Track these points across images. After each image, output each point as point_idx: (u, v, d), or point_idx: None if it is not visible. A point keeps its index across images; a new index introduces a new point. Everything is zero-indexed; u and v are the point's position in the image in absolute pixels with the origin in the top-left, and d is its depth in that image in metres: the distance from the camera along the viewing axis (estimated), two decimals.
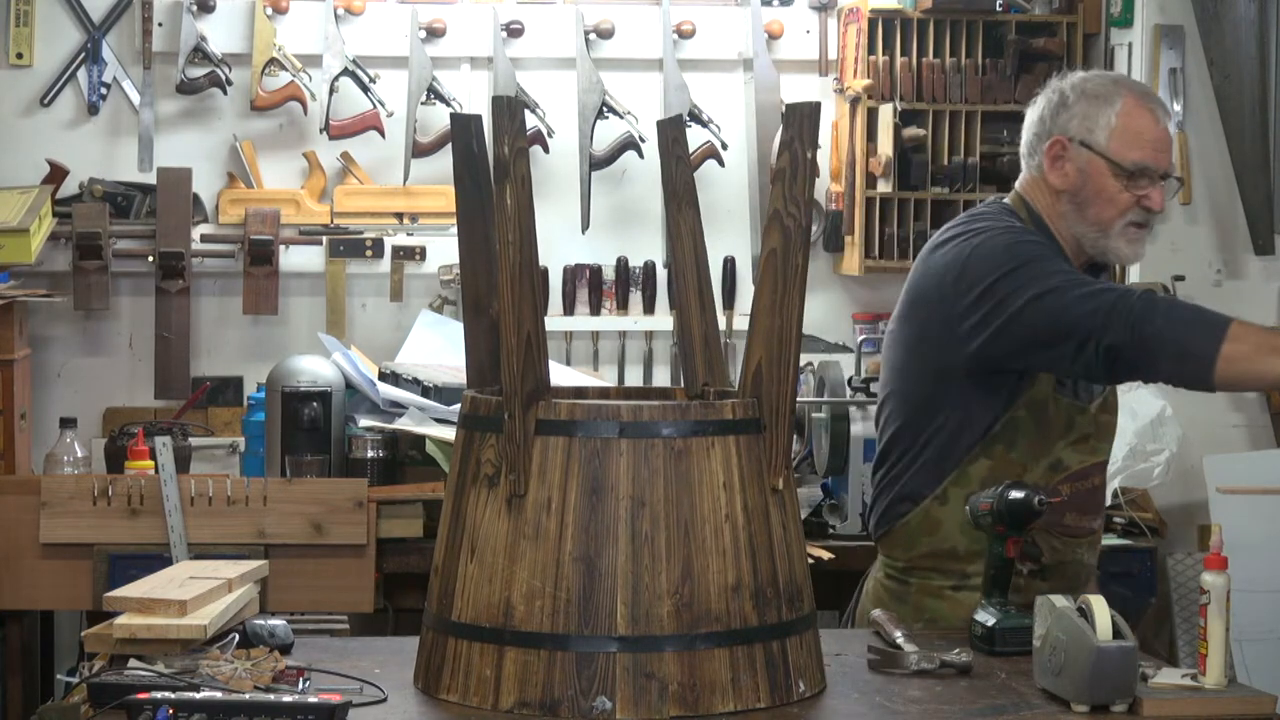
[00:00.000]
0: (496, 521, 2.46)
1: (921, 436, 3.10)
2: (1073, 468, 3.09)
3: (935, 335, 3.06)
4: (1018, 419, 3.04)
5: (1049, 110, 3.12)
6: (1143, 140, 3.06)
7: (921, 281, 3.11)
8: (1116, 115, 3.06)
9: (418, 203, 5.11)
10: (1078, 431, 3.08)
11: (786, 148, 2.49)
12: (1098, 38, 5.14)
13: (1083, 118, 3.07)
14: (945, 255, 3.06)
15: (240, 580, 2.85)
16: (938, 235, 3.15)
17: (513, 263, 2.43)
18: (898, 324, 3.18)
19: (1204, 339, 2.83)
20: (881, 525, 3.18)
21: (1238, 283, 4.98)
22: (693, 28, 5.19)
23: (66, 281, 4.95)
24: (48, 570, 4.22)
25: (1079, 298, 2.89)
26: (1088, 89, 3.10)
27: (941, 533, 3.07)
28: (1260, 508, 4.46)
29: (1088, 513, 3.15)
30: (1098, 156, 3.06)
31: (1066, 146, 3.09)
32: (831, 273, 5.27)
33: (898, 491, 3.14)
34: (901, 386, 3.15)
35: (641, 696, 2.39)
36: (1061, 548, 3.10)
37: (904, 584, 3.15)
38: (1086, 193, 3.08)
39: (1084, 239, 3.10)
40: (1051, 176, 3.11)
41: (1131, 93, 3.09)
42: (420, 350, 4.80)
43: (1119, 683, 2.44)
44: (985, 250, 3.01)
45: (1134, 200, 3.06)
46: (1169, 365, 2.87)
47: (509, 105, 2.44)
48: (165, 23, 5.05)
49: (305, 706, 2.29)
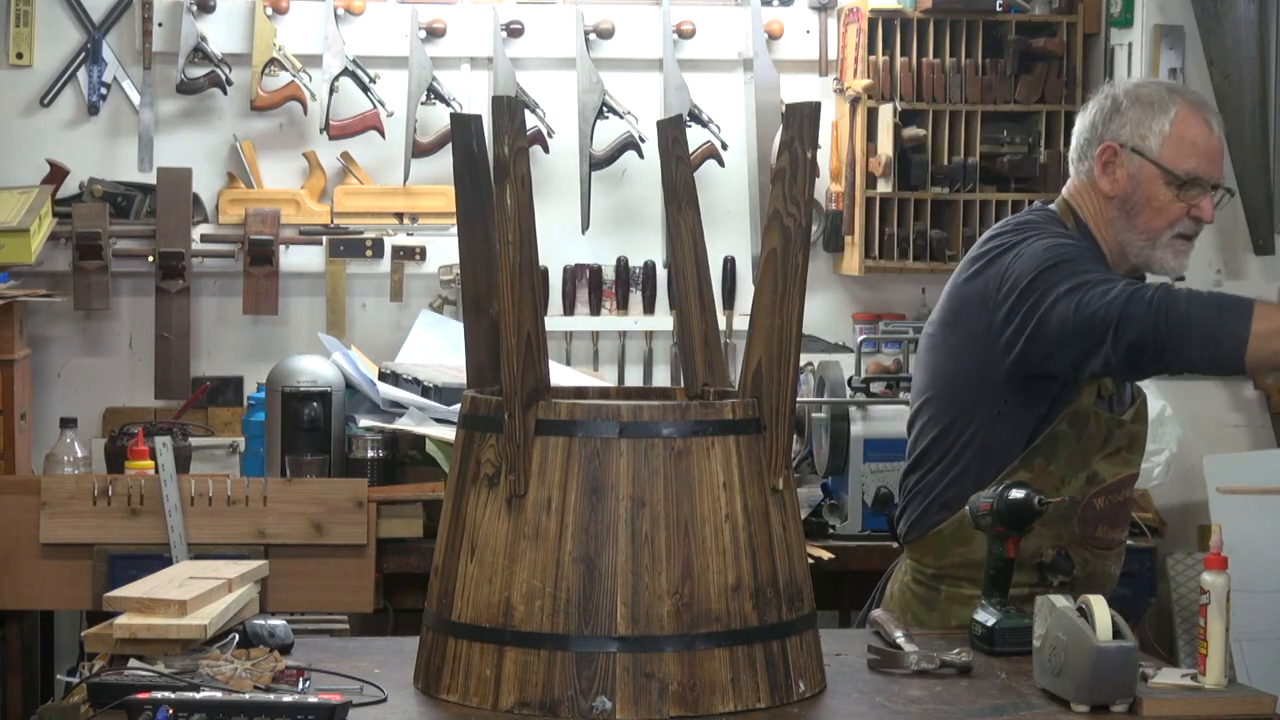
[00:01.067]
0: (496, 521, 2.46)
1: (960, 445, 3.07)
2: (1107, 480, 3.06)
3: (979, 342, 3.03)
4: (1059, 432, 3.01)
5: (1101, 116, 3.08)
6: (1196, 149, 3.03)
7: (965, 290, 3.08)
8: (1171, 123, 3.03)
9: (418, 203, 5.11)
10: (1114, 444, 3.06)
11: (786, 148, 2.49)
12: (1098, 38, 5.14)
13: (1136, 124, 3.04)
14: (990, 265, 3.03)
15: (240, 580, 2.85)
16: (981, 242, 3.12)
17: (513, 263, 2.43)
18: (939, 329, 3.14)
19: (1233, 320, 2.80)
20: (913, 531, 3.15)
21: (1238, 283, 4.98)
22: (693, 28, 5.19)
23: (66, 281, 4.95)
24: (48, 570, 4.22)
25: (1100, 292, 2.85)
26: (1142, 95, 3.06)
27: (975, 543, 3.01)
28: (1260, 508, 4.46)
29: (1118, 525, 3.14)
30: (1150, 164, 3.03)
31: (1118, 152, 3.05)
32: (831, 273, 5.27)
33: (933, 499, 3.11)
34: (941, 392, 3.12)
35: (641, 696, 2.39)
36: (1093, 559, 3.09)
37: (934, 590, 3.12)
38: (1137, 200, 3.05)
39: (1130, 247, 3.07)
40: (1102, 182, 3.07)
41: (1185, 101, 3.06)
42: (420, 350, 4.80)
43: (1119, 683, 2.44)
44: (1026, 254, 2.98)
45: (1184, 210, 3.04)
46: (1199, 349, 2.83)
47: (509, 105, 2.44)
48: (165, 23, 5.05)
49: (305, 706, 2.29)
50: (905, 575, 3.19)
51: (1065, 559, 3.02)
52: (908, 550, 3.19)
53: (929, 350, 3.17)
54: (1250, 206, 4.95)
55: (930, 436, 3.13)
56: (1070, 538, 3.05)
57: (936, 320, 3.16)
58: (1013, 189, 5.07)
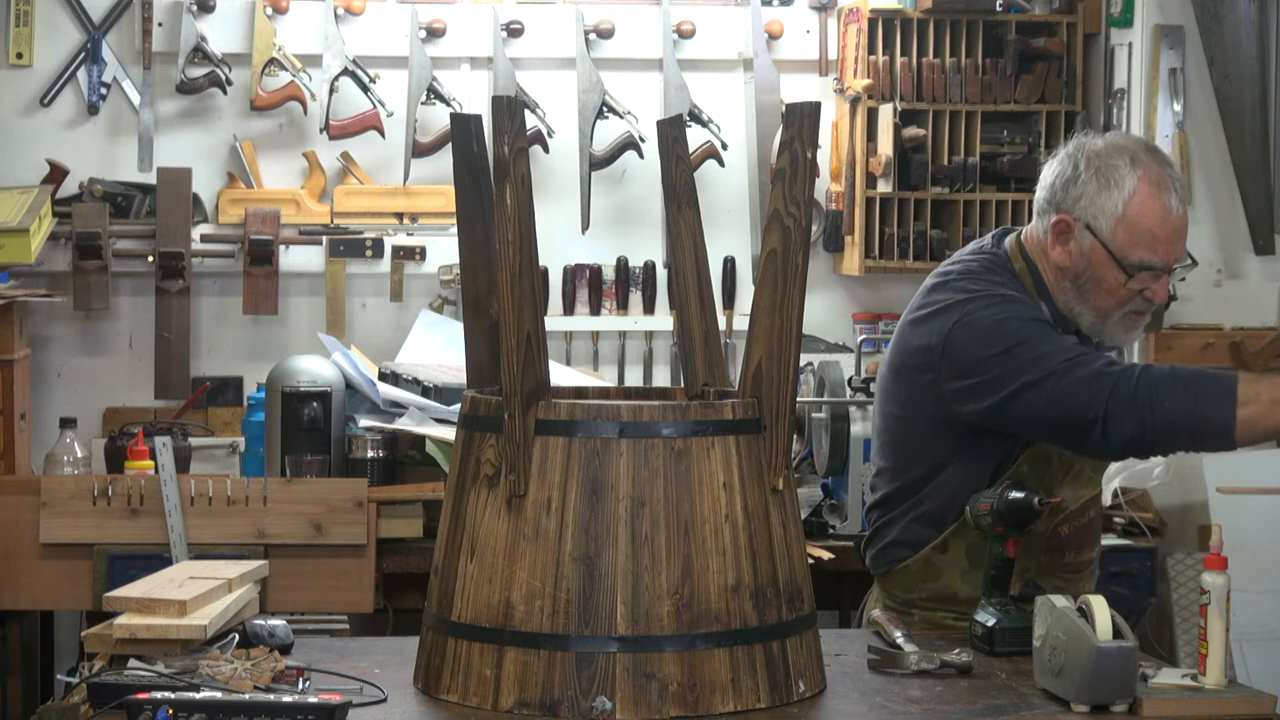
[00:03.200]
0: (496, 521, 2.46)
1: (919, 490, 3.03)
2: (1070, 507, 3.02)
3: (927, 399, 2.97)
4: (1020, 473, 2.95)
5: (1060, 180, 2.96)
6: (1152, 238, 2.89)
7: (909, 343, 3.00)
8: (1125, 205, 2.88)
9: (418, 203, 5.11)
10: (1075, 468, 3.02)
11: (786, 148, 2.49)
12: (1098, 38, 5.14)
13: (1090, 200, 2.90)
14: (931, 321, 2.95)
15: (240, 580, 2.85)
16: (924, 291, 3.03)
17: (513, 263, 2.43)
18: (890, 376, 3.07)
19: (1218, 408, 2.76)
20: (879, 565, 3.12)
21: (1238, 283, 4.98)
22: (693, 28, 5.19)
23: (66, 281, 4.95)
24: (48, 570, 4.22)
25: (1075, 384, 2.80)
26: (1102, 167, 2.91)
27: (942, 580, 3.01)
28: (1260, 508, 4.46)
29: (1086, 547, 3.10)
30: (1101, 246, 2.91)
31: (1071, 226, 2.93)
32: (831, 273, 5.27)
33: (895, 537, 3.07)
34: (896, 438, 3.07)
35: (641, 696, 2.39)
36: (1065, 585, 3.03)
37: (907, 614, 3.08)
38: (1087, 278, 2.94)
39: (1081, 319, 2.98)
40: (1054, 253, 2.96)
41: (1146, 178, 2.89)
42: (420, 350, 4.80)
43: (1119, 683, 2.44)
44: (972, 325, 2.90)
45: (1135, 292, 2.93)
46: (1188, 442, 2.83)
47: (509, 105, 2.44)
48: (165, 23, 5.05)
49: (305, 706, 2.29)
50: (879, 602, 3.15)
51: (1036, 589, 2.95)
52: (878, 580, 3.16)
53: (882, 394, 3.11)
54: (1250, 206, 4.95)
55: (889, 480, 3.08)
56: (1039, 568, 3.02)
57: (885, 367, 3.09)
58: (1013, 189, 5.07)
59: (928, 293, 3.02)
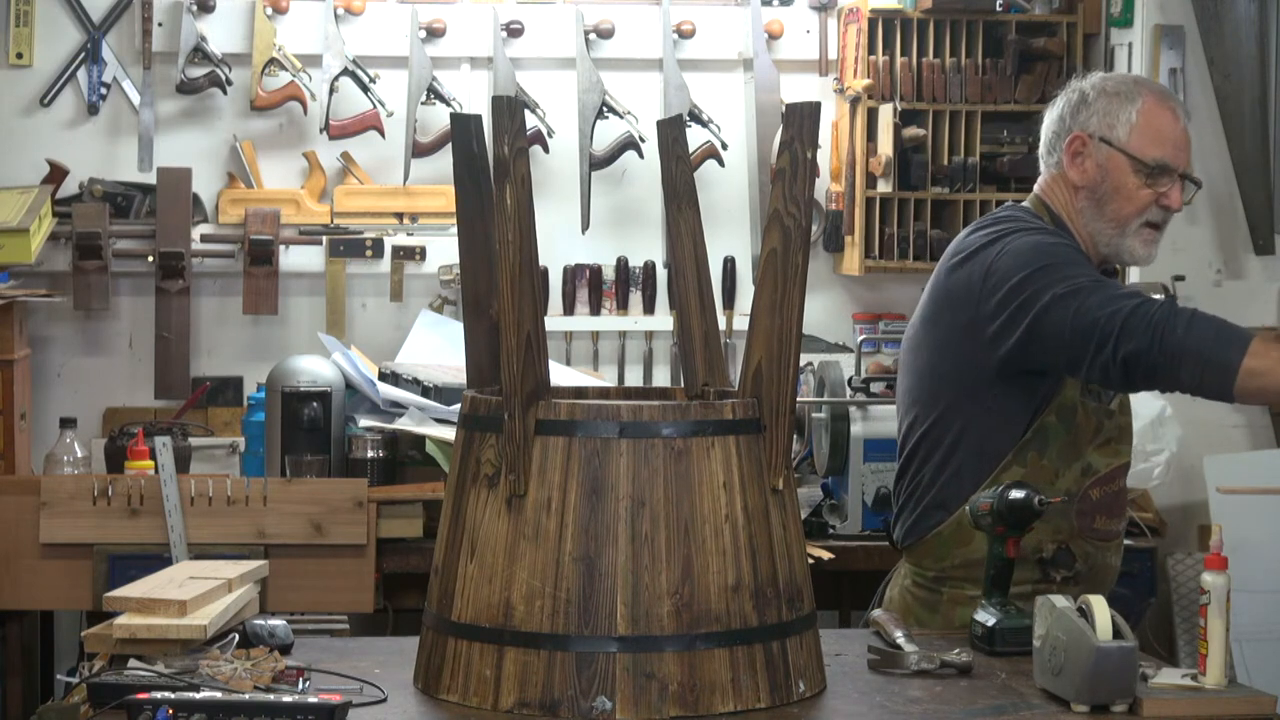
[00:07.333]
0: (496, 521, 2.46)
1: (950, 444, 3.07)
2: (1101, 471, 3.08)
3: (964, 338, 3.04)
4: (1048, 425, 3.03)
5: (1069, 109, 3.13)
6: (1163, 138, 3.07)
7: (948, 284, 3.09)
8: (1138, 112, 3.07)
9: (418, 203, 5.11)
10: (1104, 434, 3.08)
11: (786, 148, 2.49)
12: (1098, 38, 5.15)
13: (1103, 114, 3.09)
14: (973, 258, 3.05)
15: (240, 580, 2.85)
16: (961, 238, 3.14)
17: (513, 263, 2.43)
18: (922, 327, 3.14)
19: (1227, 351, 2.81)
20: (911, 535, 3.14)
21: (1238, 283, 4.98)
22: (693, 28, 5.19)
23: (66, 281, 4.95)
24: (48, 570, 4.22)
25: (1101, 300, 2.87)
26: (1108, 87, 3.11)
27: (976, 543, 3.01)
28: (1260, 508, 4.46)
29: (1115, 515, 3.15)
30: (1118, 152, 3.07)
31: (1087, 143, 3.10)
32: (831, 273, 5.27)
33: (929, 501, 3.11)
34: (927, 392, 3.12)
35: (641, 696, 2.39)
36: (1094, 552, 3.09)
37: (935, 592, 3.12)
38: (1105, 189, 3.08)
39: (1100, 237, 3.11)
40: (1071, 172, 3.11)
41: (1152, 92, 3.11)
42: (420, 350, 4.80)
43: (1119, 683, 2.44)
44: (1012, 249, 3.01)
45: (1153, 198, 3.07)
46: (1190, 374, 2.84)
47: (509, 105, 2.44)
48: (165, 23, 5.05)
49: (305, 706, 2.29)
50: (905, 579, 3.19)
51: (1067, 553, 3.04)
52: (906, 555, 3.18)
53: (911, 351, 3.17)
54: (1250, 206, 4.95)
55: (919, 438, 3.13)
56: (1070, 531, 3.06)
57: (918, 320, 3.17)
58: (1013, 189, 5.07)
59: (964, 238, 3.13)
